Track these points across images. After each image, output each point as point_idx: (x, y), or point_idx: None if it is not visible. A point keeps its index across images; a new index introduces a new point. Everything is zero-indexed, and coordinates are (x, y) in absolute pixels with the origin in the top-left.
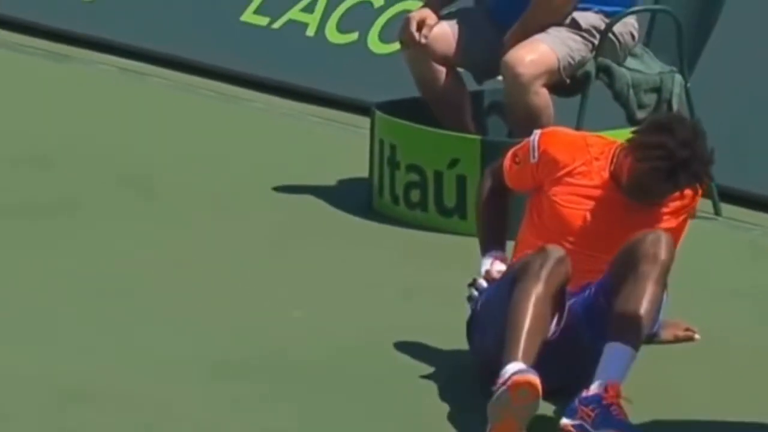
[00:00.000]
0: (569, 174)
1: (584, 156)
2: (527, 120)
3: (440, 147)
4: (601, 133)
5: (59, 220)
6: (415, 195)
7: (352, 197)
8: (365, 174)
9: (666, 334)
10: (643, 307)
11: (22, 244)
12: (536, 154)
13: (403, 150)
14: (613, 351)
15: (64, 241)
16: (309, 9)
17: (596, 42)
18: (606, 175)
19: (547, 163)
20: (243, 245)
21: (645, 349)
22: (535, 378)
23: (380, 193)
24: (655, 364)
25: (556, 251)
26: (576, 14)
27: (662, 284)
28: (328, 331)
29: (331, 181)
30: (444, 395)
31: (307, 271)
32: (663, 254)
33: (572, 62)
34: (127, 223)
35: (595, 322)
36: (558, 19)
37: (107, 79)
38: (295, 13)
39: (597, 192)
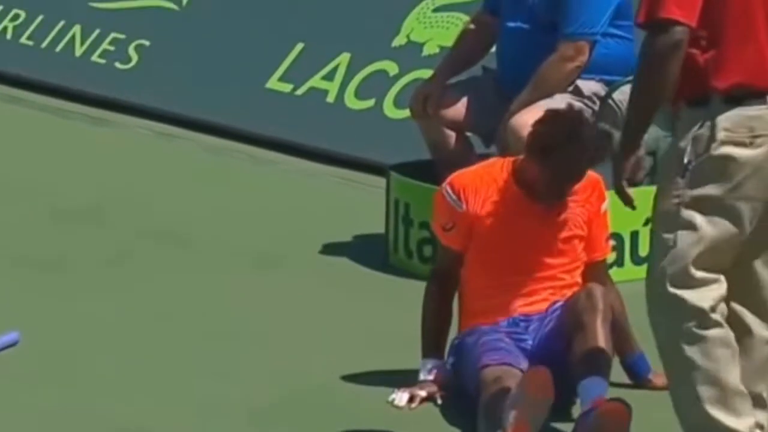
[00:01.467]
0: (487, 197)
1: (491, 181)
2: None
3: None
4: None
5: (103, 271)
6: (427, 250)
7: (369, 252)
8: (382, 230)
9: (658, 380)
10: (601, 342)
11: (63, 294)
12: (460, 200)
13: (416, 208)
14: (587, 384)
15: (109, 293)
16: (329, 77)
17: (596, 108)
18: (514, 188)
19: (471, 198)
20: (269, 297)
21: (639, 395)
22: None
23: (395, 248)
24: (649, 411)
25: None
26: (579, 82)
27: (608, 327)
28: (348, 378)
29: (349, 237)
30: None
31: (327, 321)
32: (599, 304)
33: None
34: (166, 275)
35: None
36: (563, 87)
37: (143, 141)
38: (316, 81)
39: (514, 212)
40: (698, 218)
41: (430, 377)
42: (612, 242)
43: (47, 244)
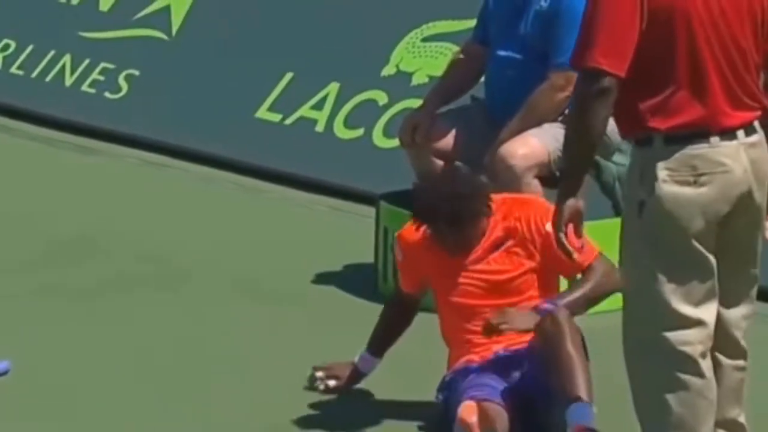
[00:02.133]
0: (422, 260)
1: (420, 242)
2: None
3: None
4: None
5: (93, 301)
6: None
7: (358, 281)
8: (371, 259)
9: None
10: (575, 366)
11: (54, 324)
12: (401, 252)
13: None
14: (570, 413)
15: (98, 322)
16: (318, 107)
17: None
18: (431, 255)
19: (411, 258)
20: (257, 327)
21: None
22: None
23: (384, 277)
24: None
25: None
26: (568, 111)
27: (579, 347)
28: (339, 408)
29: (338, 266)
30: None
31: (316, 352)
32: (565, 328)
33: (562, 156)
34: (156, 304)
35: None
36: (552, 116)
37: (133, 170)
38: (305, 111)
39: (444, 276)
40: (662, 256)
41: (355, 360)
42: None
43: (37, 273)
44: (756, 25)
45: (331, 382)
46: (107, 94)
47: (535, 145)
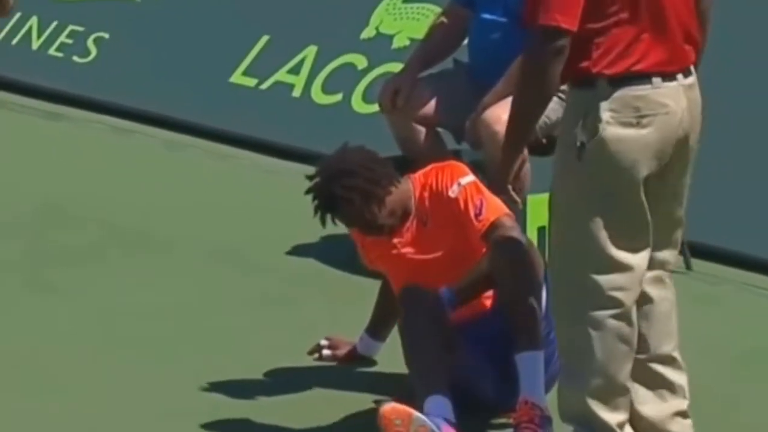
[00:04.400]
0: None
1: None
2: None
3: None
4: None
5: (64, 270)
6: None
7: (335, 253)
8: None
9: None
10: (526, 306)
11: (23, 295)
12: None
13: None
14: (521, 362)
15: (70, 292)
16: (295, 71)
17: None
18: (368, 239)
19: (364, 250)
20: (233, 297)
21: None
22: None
23: None
24: None
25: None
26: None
27: (527, 275)
28: (316, 383)
29: (316, 237)
30: None
31: (293, 322)
32: (515, 253)
33: (548, 122)
34: (128, 272)
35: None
36: None
37: (101, 137)
38: (282, 75)
39: (383, 256)
40: (601, 199)
41: (357, 344)
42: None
43: (5, 243)
44: None
45: (326, 352)
46: (75, 58)
47: None
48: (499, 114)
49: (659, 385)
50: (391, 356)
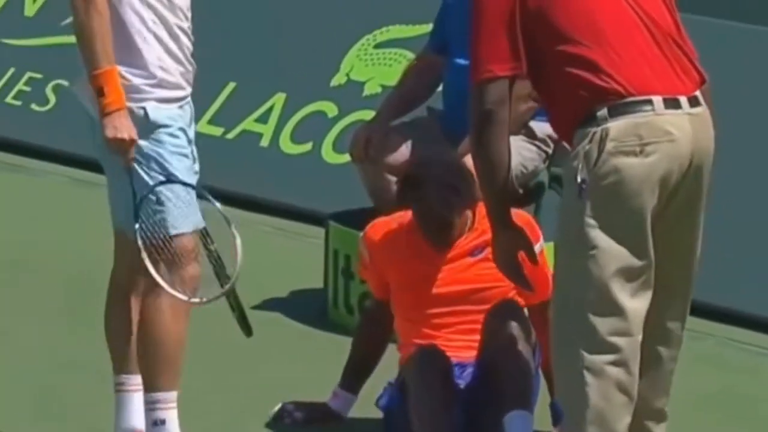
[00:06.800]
0: (392, 253)
1: (399, 230)
2: None
3: None
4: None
5: (17, 322)
6: None
7: (306, 308)
8: (320, 284)
9: None
10: (519, 368)
11: None
12: (367, 251)
13: (357, 260)
14: (511, 422)
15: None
16: (263, 119)
17: (550, 152)
18: (412, 237)
19: (377, 251)
20: (202, 352)
21: None
22: None
23: (335, 303)
24: None
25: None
26: (532, 123)
27: (527, 339)
28: None
29: (285, 291)
30: None
31: (261, 381)
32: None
33: (525, 171)
34: (86, 326)
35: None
36: (515, 129)
37: (61, 189)
38: (249, 124)
39: (417, 258)
40: (603, 238)
41: (329, 401)
42: None
43: None
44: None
45: (298, 414)
46: (34, 107)
47: None
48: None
49: None
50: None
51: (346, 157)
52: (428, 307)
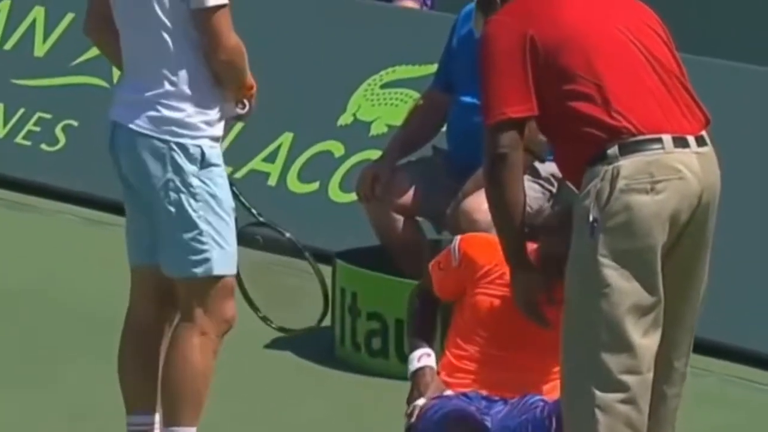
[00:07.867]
0: (486, 274)
1: (500, 257)
2: None
3: (400, 295)
4: None
5: (24, 364)
6: (376, 343)
7: (314, 345)
8: (327, 322)
9: None
10: None
11: None
12: (457, 257)
13: (363, 298)
14: None
15: (26, 387)
16: (271, 159)
17: (554, 190)
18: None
19: (468, 264)
20: (215, 391)
21: None
22: None
23: (342, 340)
24: None
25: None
26: (536, 163)
27: None
28: None
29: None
30: None
31: (268, 419)
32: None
33: (529, 210)
34: (95, 364)
35: None
36: (524, 169)
37: (71, 228)
38: (257, 163)
39: (507, 287)
40: (616, 276)
41: (419, 364)
42: None
43: None
44: (664, 41)
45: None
46: (44, 147)
47: None
48: (480, 202)
49: None
50: None
51: (353, 196)
52: (494, 337)
